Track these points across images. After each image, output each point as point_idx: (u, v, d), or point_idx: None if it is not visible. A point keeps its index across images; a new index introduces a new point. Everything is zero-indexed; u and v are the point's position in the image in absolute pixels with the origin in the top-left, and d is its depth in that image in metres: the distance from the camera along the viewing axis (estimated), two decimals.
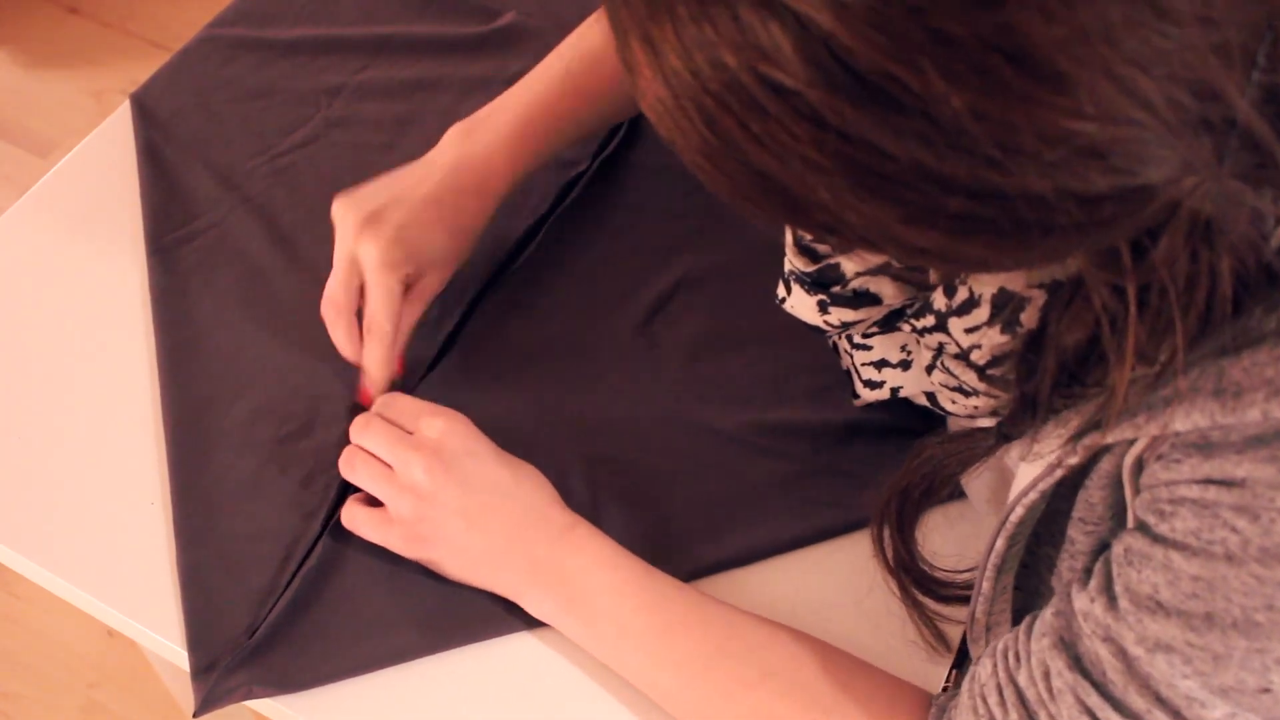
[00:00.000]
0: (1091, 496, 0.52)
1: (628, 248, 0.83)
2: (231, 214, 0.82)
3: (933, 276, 0.58)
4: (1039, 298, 0.51)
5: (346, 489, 0.70)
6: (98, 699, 1.39)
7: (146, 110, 0.87)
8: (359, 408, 0.72)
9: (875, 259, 0.60)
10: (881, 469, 0.73)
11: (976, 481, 0.67)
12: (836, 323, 0.63)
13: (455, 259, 0.75)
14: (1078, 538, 0.54)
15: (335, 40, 0.93)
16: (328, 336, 0.76)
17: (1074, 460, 0.50)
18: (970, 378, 0.59)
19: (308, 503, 0.70)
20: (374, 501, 0.68)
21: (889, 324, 0.64)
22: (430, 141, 0.87)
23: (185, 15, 2.03)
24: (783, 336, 0.79)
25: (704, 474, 0.72)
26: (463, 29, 0.94)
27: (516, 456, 0.68)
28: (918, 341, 0.63)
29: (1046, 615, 0.52)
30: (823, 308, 0.63)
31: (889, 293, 0.61)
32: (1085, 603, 0.50)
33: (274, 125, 0.87)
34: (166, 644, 0.65)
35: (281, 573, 0.67)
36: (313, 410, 0.73)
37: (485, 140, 0.75)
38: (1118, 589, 0.48)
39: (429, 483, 0.65)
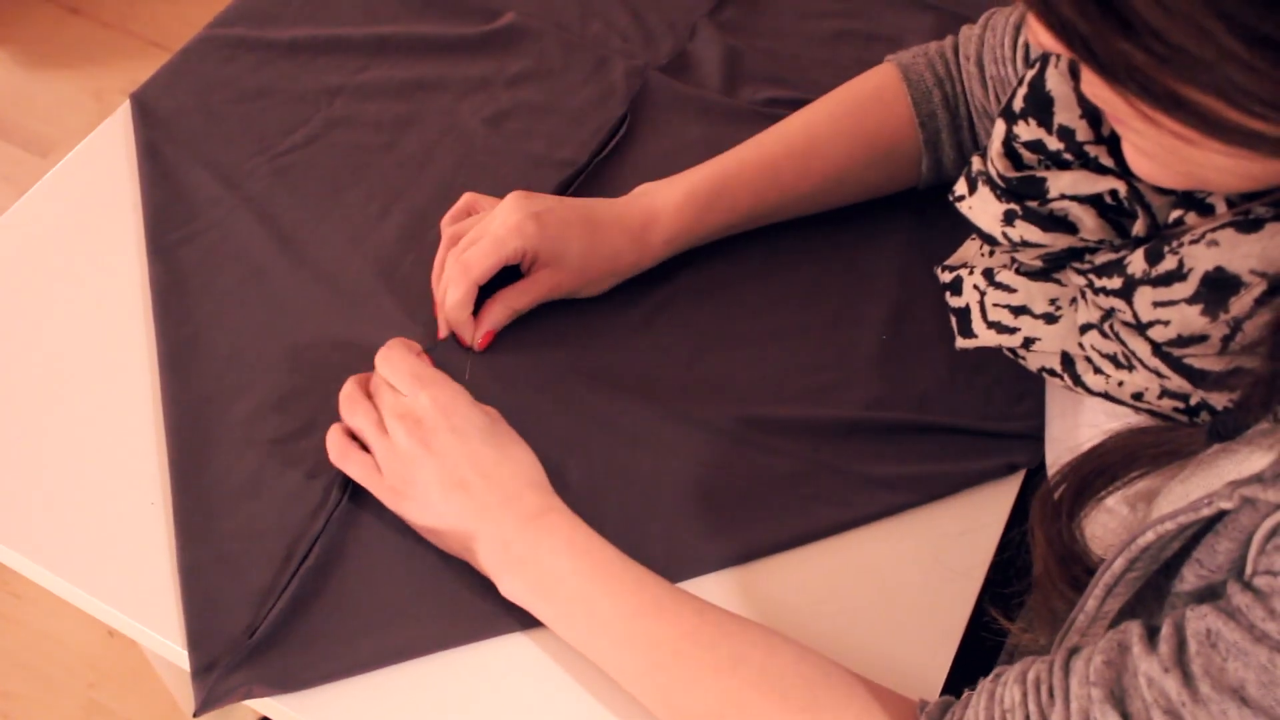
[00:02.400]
0: (1218, 544, 0.50)
1: None
2: (232, 214, 0.82)
3: (1138, 227, 0.54)
4: (1259, 286, 0.48)
5: (347, 489, 0.70)
6: (98, 699, 1.39)
7: (147, 110, 0.87)
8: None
9: (1098, 184, 0.54)
10: (881, 467, 0.73)
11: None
12: (1016, 239, 0.59)
13: (579, 274, 0.77)
14: (1188, 576, 0.52)
15: (335, 40, 0.93)
16: (328, 336, 0.77)
17: (1228, 505, 0.47)
18: (1142, 349, 0.55)
19: (308, 502, 0.70)
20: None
21: (1058, 265, 0.60)
22: (430, 141, 0.88)
23: (185, 15, 2.03)
24: (783, 336, 0.79)
25: (703, 472, 0.73)
26: (463, 29, 0.94)
27: (510, 435, 0.69)
28: (1082, 297, 0.60)
29: (1096, 661, 0.50)
30: (1008, 219, 0.59)
31: (1089, 226, 0.56)
32: (1155, 670, 0.47)
33: (274, 125, 0.87)
34: (167, 644, 0.65)
35: (282, 572, 0.67)
36: (313, 410, 0.73)
37: (662, 195, 0.78)
38: (1195, 669, 0.46)
39: (411, 449, 0.66)
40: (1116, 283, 0.54)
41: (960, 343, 0.69)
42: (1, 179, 1.86)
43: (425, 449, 0.66)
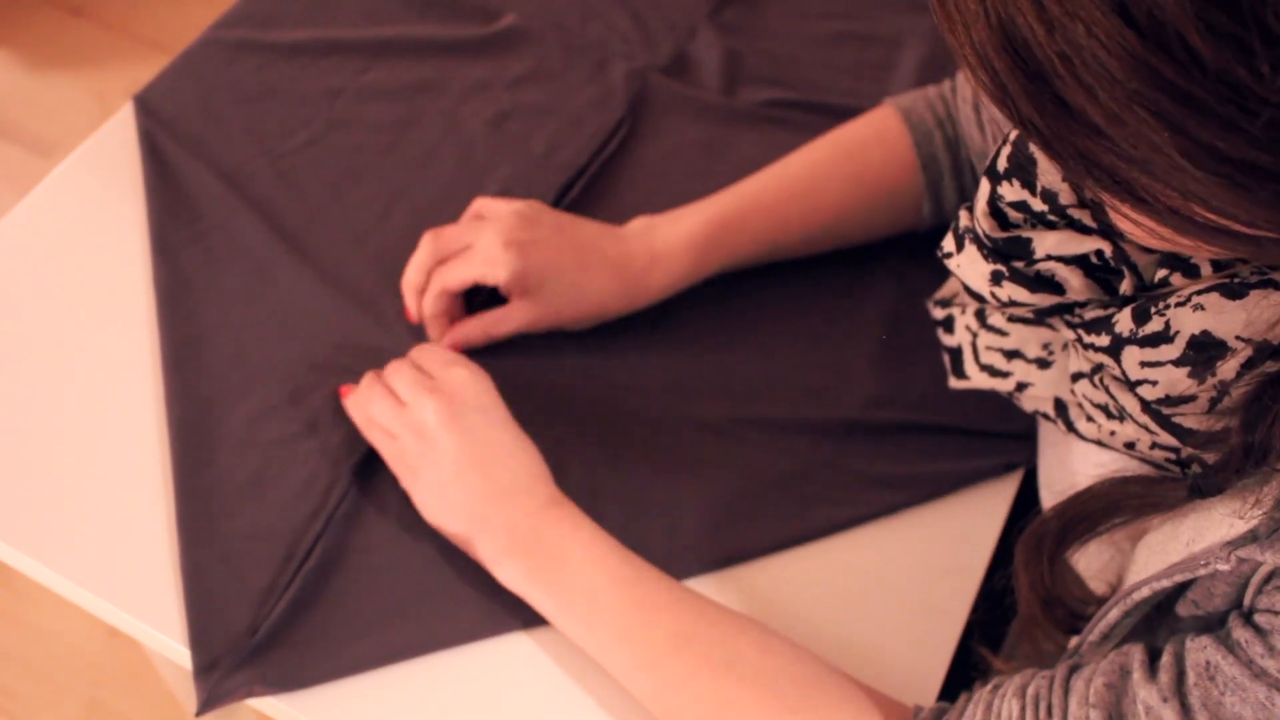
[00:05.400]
0: (1215, 587, 0.51)
1: None
2: (235, 215, 0.82)
3: (1125, 286, 0.54)
4: (1245, 351, 0.48)
5: (349, 488, 0.70)
6: (100, 697, 1.39)
7: (149, 112, 0.88)
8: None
9: (1083, 244, 0.54)
10: (880, 467, 0.73)
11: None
12: (1005, 298, 0.58)
13: (558, 313, 0.75)
14: (1184, 616, 0.53)
15: (336, 42, 0.93)
16: (332, 337, 0.77)
17: (1224, 567, 0.48)
18: (1131, 405, 0.55)
19: (310, 502, 0.70)
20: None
21: (1045, 315, 0.59)
22: (431, 143, 0.88)
23: (188, 17, 2.03)
24: (782, 336, 0.80)
25: (703, 471, 0.73)
26: (463, 31, 0.94)
27: (521, 430, 0.69)
28: (1076, 349, 0.59)
29: (1097, 683, 0.50)
30: (996, 279, 0.58)
31: (1075, 286, 0.55)
32: (1154, 699, 0.48)
33: (276, 127, 0.88)
34: (169, 642, 0.66)
35: (283, 572, 0.67)
36: (316, 410, 0.74)
37: (663, 236, 0.77)
38: (1193, 700, 0.47)
39: (435, 424, 0.67)
40: (1104, 340, 0.54)
41: (953, 383, 0.69)
42: (3, 180, 1.86)
43: (452, 424, 0.67)
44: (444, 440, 0.67)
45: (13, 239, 0.81)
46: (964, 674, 0.63)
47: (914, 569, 0.70)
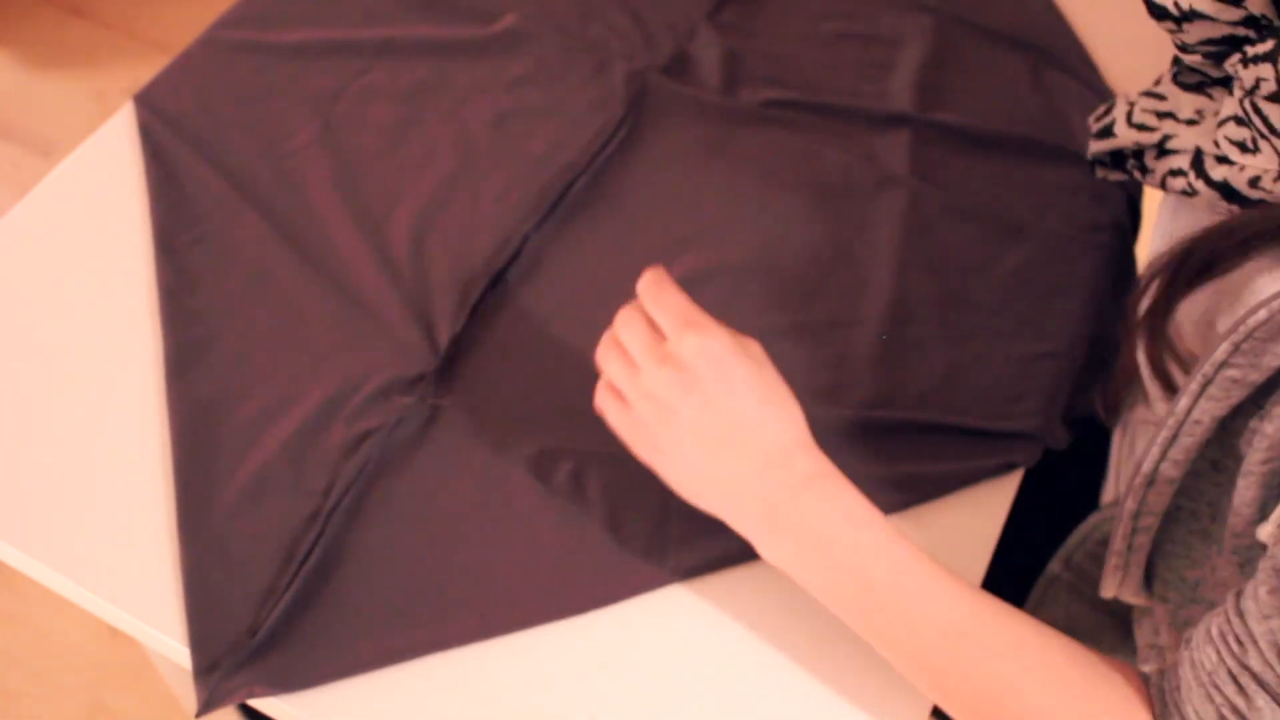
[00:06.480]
0: None
1: (628, 248, 0.83)
2: (238, 216, 0.82)
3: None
4: None
5: (349, 490, 0.70)
6: (100, 697, 1.40)
7: (149, 111, 0.88)
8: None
9: None
10: (880, 467, 0.73)
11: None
12: (1186, 6, 0.64)
13: None
14: (1268, 431, 0.54)
15: (337, 43, 0.93)
16: (334, 338, 0.77)
17: None
18: (1276, 116, 0.61)
19: (310, 503, 0.70)
20: None
21: (1219, 59, 0.65)
22: (431, 144, 0.88)
23: (188, 17, 2.03)
24: (783, 336, 0.80)
25: None
26: (464, 32, 0.94)
27: (777, 385, 0.64)
28: (1237, 78, 0.64)
29: (1262, 594, 0.51)
30: None
31: None
32: None
33: (276, 128, 0.88)
34: (169, 642, 0.66)
35: (283, 573, 0.67)
36: (316, 411, 0.74)
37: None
38: None
39: (670, 399, 0.62)
40: (1268, 45, 0.59)
41: (1094, 146, 0.75)
42: (3, 180, 1.87)
43: (686, 401, 0.62)
44: (683, 414, 0.62)
45: (12, 239, 0.81)
46: None
47: None
